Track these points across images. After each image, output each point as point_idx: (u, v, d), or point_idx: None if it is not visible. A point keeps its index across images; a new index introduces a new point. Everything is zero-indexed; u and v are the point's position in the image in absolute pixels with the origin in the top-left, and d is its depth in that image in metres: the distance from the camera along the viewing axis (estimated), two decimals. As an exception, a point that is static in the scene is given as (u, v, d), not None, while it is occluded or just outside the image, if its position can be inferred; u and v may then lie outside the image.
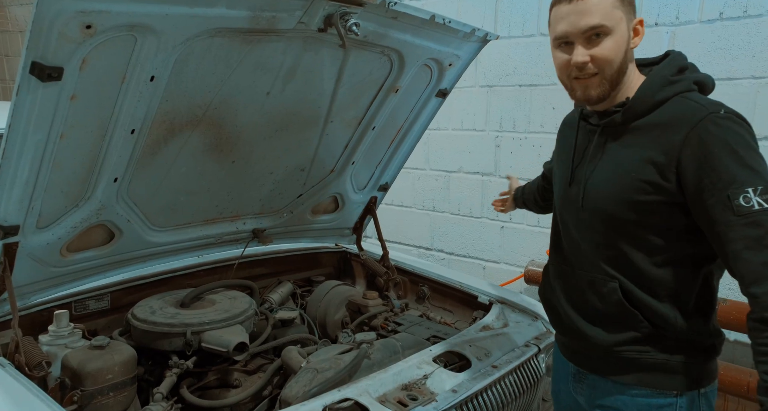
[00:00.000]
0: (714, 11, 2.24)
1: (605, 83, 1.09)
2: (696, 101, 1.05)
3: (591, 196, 1.14)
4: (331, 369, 1.38)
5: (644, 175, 1.05)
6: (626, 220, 1.09)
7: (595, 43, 1.07)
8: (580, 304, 1.20)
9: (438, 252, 3.28)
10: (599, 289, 1.15)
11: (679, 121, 1.03)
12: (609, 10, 1.05)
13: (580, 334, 1.20)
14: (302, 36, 1.42)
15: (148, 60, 1.22)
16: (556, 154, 1.35)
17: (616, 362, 1.15)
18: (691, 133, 1.01)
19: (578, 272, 1.20)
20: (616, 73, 1.09)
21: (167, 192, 1.62)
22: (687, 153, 1.01)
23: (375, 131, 1.91)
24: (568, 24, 1.07)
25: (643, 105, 1.08)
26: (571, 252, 1.22)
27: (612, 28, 1.06)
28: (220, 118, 1.53)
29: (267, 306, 1.93)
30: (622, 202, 1.09)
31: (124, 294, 1.77)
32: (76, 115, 1.21)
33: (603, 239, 1.14)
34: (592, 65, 1.08)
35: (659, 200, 1.05)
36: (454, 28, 1.63)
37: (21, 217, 1.30)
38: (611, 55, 1.07)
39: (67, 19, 1.03)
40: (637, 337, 1.12)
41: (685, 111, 1.04)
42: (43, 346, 1.44)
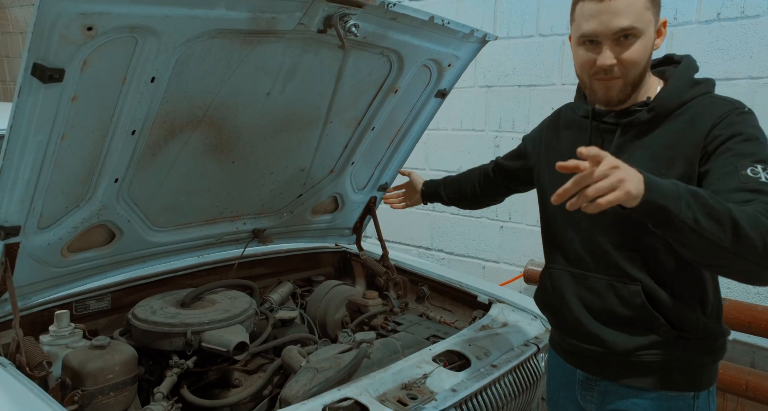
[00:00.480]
0: (711, 12, 2.25)
1: (628, 86, 1.07)
2: (721, 99, 1.07)
3: None
4: (331, 368, 1.38)
5: (675, 171, 1.04)
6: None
7: (624, 45, 1.04)
8: (597, 308, 1.16)
9: (438, 252, 3.28)
10: (620, 292, 1.12)
11: (706, 115, 1.04)
12: (641, 11, 1.02)
13: (595, 339, 1.16)
14: (302, 37, 1.43)
15: (149, 61, 1.22)
16: (549, 154, 1.28)
17: (634, 367, 1.13)
18: (717, 121, 1.02)
19: (594, 275, 1.16)
20: (639, 76, 1.07)
21: (168, 192, 1.63)
22: (710, 140, 1.01)
23: (374, 131, 1.92)
24: (598, 23, 1.03)
25: (671, 104, 1.08)
26: (585, 254, 1.18)
27: (642, 31, 1.03)
28: (221, 118, 1.53)
29: (267, 306, 1.94)
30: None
31: (125, 294, 1.77)
32: (77, 116, 1.21)
33: (627, 239, 1.10)
34: (618, 68, 1.05)
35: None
36: (453, 29, 1.63)
37: (22, 217, 1.30)
38: (639, 58, 1.05)
39: (69, 21, 1.03)
40: (658, 341, 1.10)
41: (712, 106, 1.05)
42: (44, 346, 1.44)
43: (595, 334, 1.16)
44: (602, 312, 1.15)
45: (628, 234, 1.10)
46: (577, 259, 1.20)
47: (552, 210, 1.25)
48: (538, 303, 1.33)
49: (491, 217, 3.02)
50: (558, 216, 1.24)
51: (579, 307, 1.19)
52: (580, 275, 1.19)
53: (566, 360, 1.26)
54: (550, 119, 1.35)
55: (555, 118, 1.32)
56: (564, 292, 1.22)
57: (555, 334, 1.30)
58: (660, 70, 1.16)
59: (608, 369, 1.17)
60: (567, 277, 1.22)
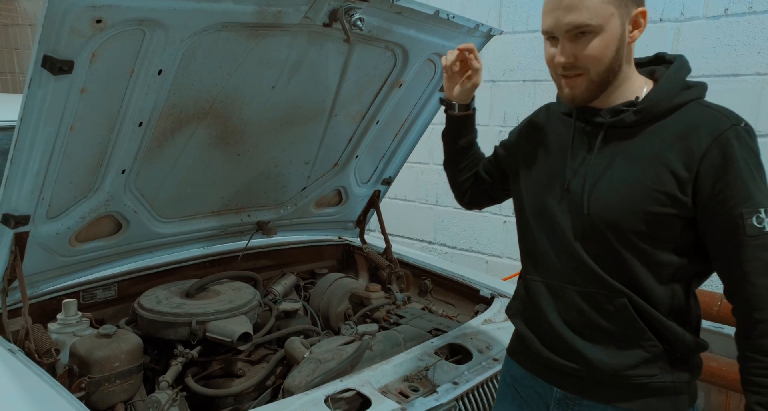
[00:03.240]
0: (719, 7, 2.23)
1: (593, 84, 1.01)
2: (717, 110, 0.99)
3: (593, 204, 1.03)
4: (334, 360, 1.40)
5: (662, 185, 0.97)
6: (635, 232, 1.00)
7: (581, 42, 0.98)
8: (578, 323, 1.07)
9: (441, 246, 3.30)
10: (604, 306, 1.04)
11: (700, 131, 0.96)
12: (598, 5, 0.96)
13: (577, 356, 1.06)
14: (307, 31, 1.43)
15: (157, 54, 1.24)
16: (527, 155, 1.19)
17: (621, 388, 1.05)
18: (713, 144, 0.95)
19: (573, 287, 1.07)
20: (606, 73, 1.00)
21: (173, 184, 1.64)
22: (707, 165, 0.95)
23: (379, 125, 1.93)
24: (553, 19, 0.99)
25: (660, 108, 1.00)
26: (563, 265, 1.08)
27: (600, 26, 0.96)
28: (226, 111, 1.55)
29: (271, 297, 1.96)
30: (633, 213, 0.99)
31: (131, 284, 1.79)
32: (85, 107, 1.23)
33: (607, 252, 1.03)
34: (579, 64, 0.99)
35: (673, 214, 0.98)
36: (458, 24, 1.63)
37: (32, 207, 1.32)
38: (598, 55, 0.98)
39: (78, 14, 1.04)
40: (646, 358, 1.03)
41: (707, 120, 0.97)
42: (52, 334, 1.47)
43: (577, 350, 1.06)
44: (583, 327, 1.06)
45: (611, 247, 1.02)
46: (554, 270, 1.09)
47: (527, 216, 1.16)
48: (511, 315, 1.22)
49: (494, 212, 3.02)
50: (533, 222, 1.14)
51: (558, 322, 1.09)
52: (557, 288, 1.09)
53: (541, 377, 1.14)
54: (532, 117, 1.25)
55: (539, 115, 1.23)
56: (541, 305, 1.11)
57: (529, 349, 1.16)
58: (650, 70, 1.08)
59: (592, 388, 1.07)
60: (543, 289, 1.11)
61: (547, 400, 1.12)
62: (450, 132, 1.34)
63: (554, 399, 1.11)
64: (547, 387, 1.13)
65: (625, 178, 1.01)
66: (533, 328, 1.14)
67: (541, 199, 1.11)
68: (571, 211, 1.06)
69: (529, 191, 1.15)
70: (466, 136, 1.33)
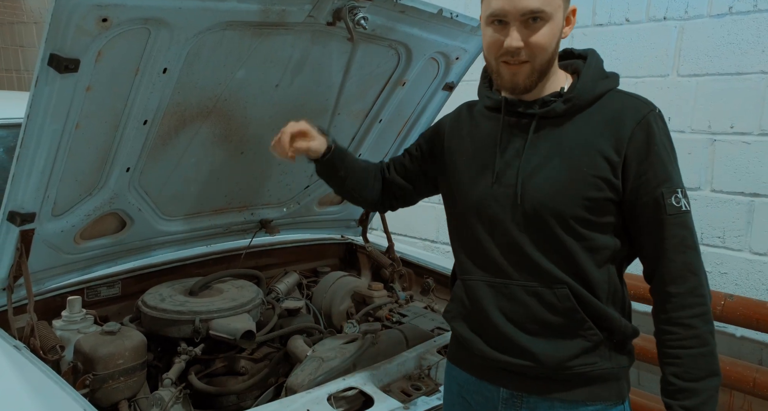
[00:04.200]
0: (723, 6, 2.23)
1: (534, 73, 1.02)
2: (634, 97, 1.06)
3: (533, 194, 1.04)
4: (336, 358, 1.41)
5: (598, 171, 1.01)
6: (576, 218, 1.02)
7: (532, 29, 0.99)
8: (521, 318, 1.07)
9: (443, 244, 3.30)
10: (547, 298, 1.05)
11: (624, 117, 1.02)
12: None
13: (522, 352, 1.06)
14: (311, 29, 1.44)
15: (161, 52, 1.24)
16: (455, 152, 1.17)
17: (565, 379, 1.07)
18: (636, 128, 1.01)
19: (517, 282, 1.07)
20: (547, 63, 1.03)
21: (177, 182, 1.65)
22: (632, 148, 1.01)
23: (382, 124, 1.93)
24: (507, 2, 0.98)
25: (586, 96, 1.04)
26: (505, 261, 1.08)
27: (551, 14, 0.99)
28: (230, 109, 1.55)
29: (273, 296, 1.96)
30: (572, 199, 1.02)
31: (135, 281, 1.80)
32: (91, 105, 1.23)
33: (549, 240, 1.04)
34: (525, 52, 1.00)
35: (608, 197, 1.02)
36: (461, 22, 1.64)
37: (37, 204, 1.33)
38: (546, 43, 1.00)
39: (85, 13, 1.05)
40: (587, 348, 1.05)
41: (628, 106, 1.04)
42: (57, 331, 1.48)
43: (522, 346, 1.06)
44: (527, 322, 1.07)
45: (552, 235, 1.04)
46: (495, 267, 1.09)
47: (463, 215, 1.14)
48: (449, 319, 1.19)
49: (497, 211, 3.03)
50: (471, 220, 1.12)
51: (502, 320, 1.08)
52: (499, 284, 1.08)
53: (486, 379, 1.13)
54: (453, 115, 1.24)
55: (460, 114, 1.22)
56: (483, 305, 1.10)
57: (471, 353, 1.14)
58: (566, 64, 1.11)
59: (537, 383, 1.08)
60: (484, 288, 1.10)
61: (494, 402, 1.11)
62: (326, 174, 1.30)
63: (501, 399, 1.11)
64: (492, 389, 1.12)
65: (561, 166, 1.04)
66: (476, 329, 1.13)
67: (476, 195, 1.10)
68: (507, 204, 1.07)
69: (462, 190, 1.15)
70: (342, 168, 1.27)
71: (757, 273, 2.26)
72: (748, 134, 2.21)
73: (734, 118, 2.22)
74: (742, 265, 2.28)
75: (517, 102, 1.08)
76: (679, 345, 1.01)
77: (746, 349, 2.33)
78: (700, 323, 1.00)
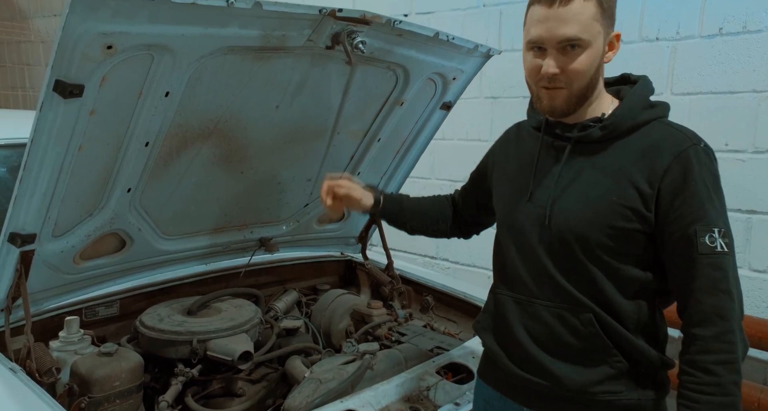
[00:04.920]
0: (714, 27, 2.27)
1: (572, 98, 1.03)
2: (678, 129, 1.03)
3: (560, 217, 1.05)
4: (334, 380, 1.40)
5: (627, 201, 1.00)
6: (601, 246, 1.02)
7: (569, 55, 1.00)
8: (544, 338, 1.08)
9: (443, 261, 3.30)
10: (570, 321, 1.05)
11: (662, 149, 1.00)
12: (589, 21, 0.99)
13: (544, 373, 1.07)
14: (311, 53, 1.46)
15: (164, 77, 1.26)
16: (500, 171, 1.22)
17: (587, 406, 1.05)
18: (674, 162, 0.99)
19: (540, 302, 1.08)
20: (585, 89, 1.03)
21: (178, 201, 1.66)
22: (667, 182, 0.99)
23: (380, 143, 1.95)
24: (545, 30, 0.99)
25: (624, 124, 1.03)
26: (531, 279, 1.09)
27: (589, 42, 0.99)
28: (231, 130, 1.57)
29: (272, 314, 1.96)
30: (599, 226, 1.02)
31: (133, 301, 1.80)
32: (94, 128, 1.25)
33: (573, 265, 1.04)
34: (562, 77, 1.01)
35: (638, 229, 1.01)
36: (457, 45, 1.66)
37: (38, 225, 1.34)
38: (583, 70, 1.01)
39: (90, 40, 1.07)
40: (611, 375, 1.04)
41: (669, 138, 1.02)
42: (54, 352, 1.47)
43: (543, 366, 1.07)
44: (550, 343, 1.07)
45: (577, 260, 1.04)
46: (520, 283, 1.11)
47: (499, 227, 1.18)
48: (478, 330, 1.22)
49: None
50: (504, 236, 1.16)
51: (526, 338, 1.09)
52: (524, 302, 1.10)
53: (510, 396, 1.14)
54: (506, 133, 1.28)
55: (510, 133, 1.27)
56: (509, 320, 1.12)
57: (497, 367, 1.16)
58: (615, 89, 1.12)
59: (560, 406, 1.08)
60: (511, 304, 1.12)
61: None
62: (387, 221, 1.45)
63: None
64: (516, 407, 1.13)
65: (590, 192, 1.04)
66: (501, 344, 1.15)
67: (510, 212, 1.14)
68: (536, 224, 1.08)
69: (500, 206, 1.19)
70: (401, 215, 1.41)
71: (758, 290, 2.27)
72: (743, 152, 2.23)
73: (728, 136, 2.25)
74: (741, 282, 2.29)
75: (556, 124, 1.10)
76: (698, 389, 0.97)
77: (750, 368, 2.31)
78: (724, 371, 0.95)
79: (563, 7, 0.98)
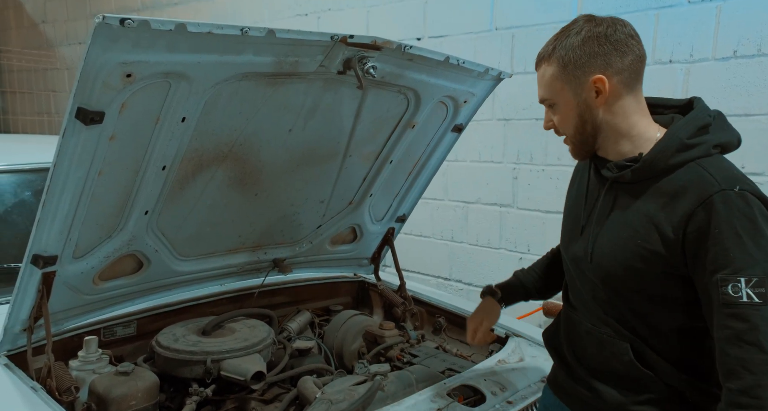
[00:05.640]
0: (728, 49, 2.27)
1: (575, 145, 1.12)
2: (710, 173, 0.99)
3: (597, 253, 1.10)
4: (345, 400, 1.40)
5: (650, 244, 1.01)
6: (626, 285, 1.05)
7: (552, 112, 1.12)
8: (587, 358, 1.16)
9: (456, 282, 3.28)
10: (608, 348, 1.10)
11: (689, 194, 0.98)
12: (549, 82, 1.07)
13: (588, 387, 1.15)
14: (323, 78, 1.50)
15: (181, 103, 1.31)
16: (567, 198, 1.30)
17: None
18: (698, 208, 0.96)
19: (586, 325, 1.15)
20: (579, 135, 1.09)
21: (193, 223, 1.70)
22: (692, 228, 0.97)
23: (392, 165, 1.98)
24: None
25: (655, 168, 1.03)
26: (580, 304, 1.18)
27: (555, 99, 1.08)
28: (245, 154, 1.61)
29: (285, 335, 1.97)
30: (624, 266, 1.05)
31: (150, 321, 1.83)
32: (113, 153, 1.30)
33: (610, 299, 1.10)
34: (559, 130, 1.13)
35: (662, 271, 1.01)
36: (468, 68, 1.69)
37: (59, 247, 1.38)
38: (562, 123, 1.10)
39: (111, 70, 1.12)
40: (653, 399, 1.06)
41: (697, 183, 0.99)
42: (73, 371, 1.50)
43: (588, 381, 1.15)
44: (593, 363, 1.14)
45: (609, 293, 1.09)
46: (573, 303, 1.20)
47: (562, 255, 1.25)
48: (545, 338, 1.33)
49: (510, 249, 3.02)
50: (567, 256, 1.23)
51: (571, 353, 1.19)
52: (577, 321, 1.18)
53: (563, 401, 1.24)
54: (579, 162, 1.31)
55: (584, 163, 1.29)
56: (563, 334, 1.22)
57: (556, 375, 1.28)
58: (669, 117, 1.11)
59: None
60: (568, 320, 1.22)
61: None
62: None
63: None
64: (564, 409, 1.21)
65: (620, 233, 1.06)
66: (560, 353, 1.24)
67: (565, 242, 1.22)
68: (583, 255, 1.14)
69: (562, 233, 1.27)
70: (527, 293, 1.47)
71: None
72: (760, 175, 2.21)
73: (745, 159, 2.22)
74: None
75: (601, 160, 1.13)
76: None
77: None
78: None
79: (537, 71, 1.11)
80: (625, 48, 1.04)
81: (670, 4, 2.38)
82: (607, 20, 1.05)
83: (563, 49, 1.04)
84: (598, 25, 1.04)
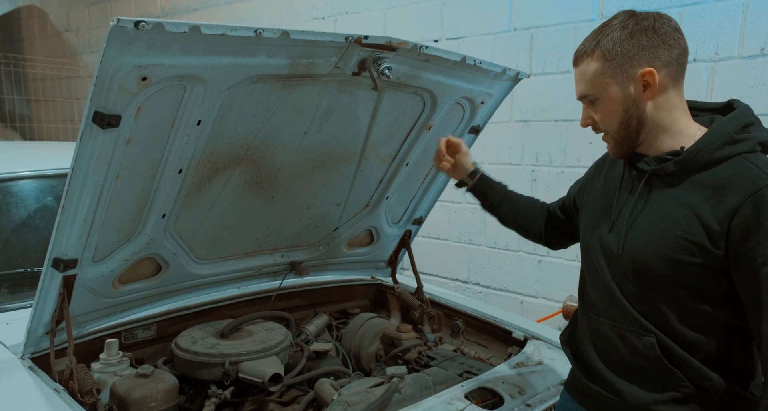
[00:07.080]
0: (755, 47, 2.20)
1: (616, 141, 1.10)
2: (758, 166, 0.98)
3: (630, 246, 1.08)
4: (362, 402, 1.39)
5: (692, 236, 1.00)
6: (662, 277, 1.04)
7: (593, 108, 1.10)
8: (609, 356, 1.14)
9: (474, 285, 3.25)
10: (632, 343, 1.08)
11: (736, 186, 0.97)
12: (593, 77, 1.06)
13: (610, 388, 1.13)
14: (338, 79, 1.50)
15: (196, 106, 1.32)
16: (589, 192, 1.27)
17: None
18: (746, 200, 0.95)
19: (606, 322, 1.14)
20: (623, 131, 1.08)
21: (210, 226, 1.71)
22: (738, 221, 0.96)
23: (409, 167, 1.96)
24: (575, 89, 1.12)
25: (700, 160, 1.02)
26: (600, 300, 1.16)
27: (598, 95, 1.07)
28: (261, 156, 1.62)
29: (303, 337, 1.97)
30: (661, 257, 1.03)
31: (170, 324, 1.85)
32: (130, 157, 1.31)
33: (639, 291, 1.08)
34: (599, 126, 1.11)
35: (702, 264, 1.00)
36: (484, 68, 1.67)
37: (79, 251, 1.40)
38: (606, 119, 1.09)
39: (126, 73, 1.13)
40: (677, 398, 1.04)
41: (745, 176, 0.98)
42: (95, 373, 1.52)
43: (609, 381, 1.13)
44: (615, 361, 1.13)
45: (640, 288, 1.07)
46: (592, 303, 1.18)
47: (582, 246, 1.24)
48: (561, 342, 1.31)
49: (529, 251, 2.98)
50: (583, 254, 1.23)
51: (593, 353, 1.17)
52: (595, 321, 1.17)
53: (582, 404, 1.22)
54: (605, 155, 1.31)
55: (605, 156, 1.30)
56: (582, 336, 1.21)
57: (574, 378, 1.26)
58: (710, 118, 1.11)
59: None
60: (584, 321, 1.21)
61: None
62: (480, 200, 1.55)
63: None
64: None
65: (658, 224, 1.04)
66: (578, 356, 1.22)
67: (590, 236, 1.19)
68: (612, 250, 1.12)
69: (583, 227, 1.25)
70: (492, 195, 1.51)
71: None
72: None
73: (773, 155, 2.16)
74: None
75: (637, 155, 1.12)
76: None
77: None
78: None
79: (576, 68, 1.10)
80: (672, 41, 1.04)
81: (695, 2, 2.33)
82: (653, 14, 1.05)
83: (609, 43, 1.03)
84: (644, 18, 1.04)
